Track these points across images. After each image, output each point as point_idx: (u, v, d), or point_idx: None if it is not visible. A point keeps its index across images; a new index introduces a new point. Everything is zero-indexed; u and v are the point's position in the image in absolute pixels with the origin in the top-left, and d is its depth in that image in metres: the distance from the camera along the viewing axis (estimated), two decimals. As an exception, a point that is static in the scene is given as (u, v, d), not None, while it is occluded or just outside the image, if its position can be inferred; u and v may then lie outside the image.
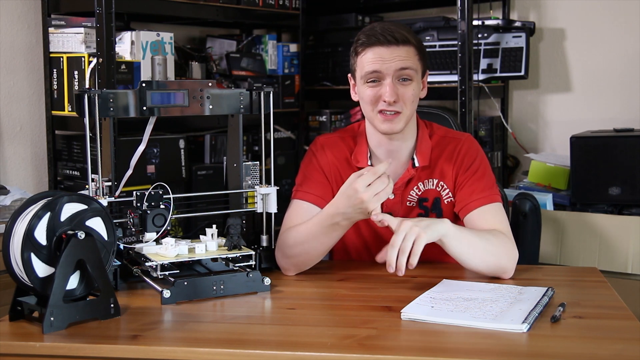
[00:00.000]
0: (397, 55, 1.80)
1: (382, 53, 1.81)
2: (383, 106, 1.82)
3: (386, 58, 1.80)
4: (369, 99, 1.84)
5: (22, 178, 2.77)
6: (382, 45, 1.81)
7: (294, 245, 1.78)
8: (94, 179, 1.68)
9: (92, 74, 2.52)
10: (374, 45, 1.81)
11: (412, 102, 1.83)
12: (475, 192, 1.86)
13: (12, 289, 1.50)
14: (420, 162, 1.90)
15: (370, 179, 1.63)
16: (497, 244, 1.74)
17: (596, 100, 3.23)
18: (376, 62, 1.81)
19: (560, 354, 1.31)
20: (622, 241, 2.62)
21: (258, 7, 3.10)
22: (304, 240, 1.77)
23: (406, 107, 1.82)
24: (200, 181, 2.88)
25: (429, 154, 1.91)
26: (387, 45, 1.80)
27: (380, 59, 1.80)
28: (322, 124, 3.43)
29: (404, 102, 1.82)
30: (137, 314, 1.54)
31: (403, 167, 1.92)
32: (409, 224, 1.62)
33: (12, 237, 1.45)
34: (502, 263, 1.74)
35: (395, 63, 1.80)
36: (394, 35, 1.80)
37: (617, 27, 3.15)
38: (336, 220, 1.71)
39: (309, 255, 1.79)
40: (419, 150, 1.91)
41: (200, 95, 1.76)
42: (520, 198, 2.39)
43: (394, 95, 1.80)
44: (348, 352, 1.31)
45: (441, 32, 3.14)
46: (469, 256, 1.71)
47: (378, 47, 1.81)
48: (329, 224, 1.72)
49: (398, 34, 1.81)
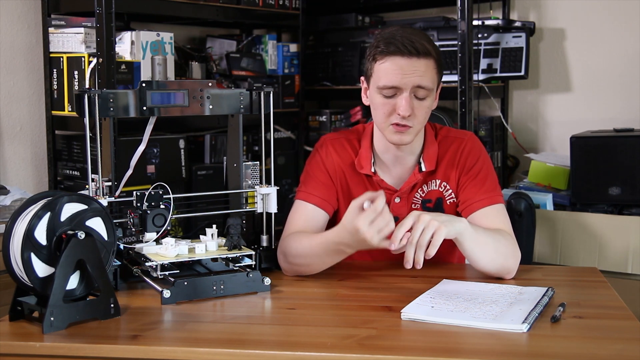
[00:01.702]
0: (416, 69, 1.75)
1: (402, 64, 1.75)
2: (397, 119, 1.78)
3: (405, 70, 1.75)
4: (382, 109, 1.80)
5: (22, 178, 2.77)
6: (402, 56, 1.74)
7: (297, 256, 1.78)
8: (94, 179, 1.68)
9: (92, 74, 2.52)
10: (394, 54, 1.75)
11: (424, 117, 1.81)
12: (478, 194, 1.85)
13: (12, 289, 1.50)
14: (427, 167, 1.89)
15: (372, 217, 1.57)
16: (505, 244, 1.75)
17: (596, 100, 3.23)
18: (394, 74, 1.75)
19: (560, 354, 1.31)
20: (622, 241, 2.62)
21: (258, 7, 3.10)
22: (306, 256, 1.76)
23: (418, 122, 1.80)
24: (200, 181, 2.88)
25: (435, 157, 1.90)
26: (407, 56, 1.74)
27: (399, 70, 1.75)
28: (322, 124, 3.43)
29: (417, 118, 1.78)
30: (137, 314, 1.54)
31: (409, 171, 1.91)
32: (427, 217, 1.59)
33: (12, 237, 1.45)
34: (508, 263, 1.75)
35: (414, 79, 1.75)
36: (415, 46, 1.74)
37: (617, 27, 3.15)
38: (340, 248, 1.69)
39: (311, 268, 1.79)
40: (426, 156, 1.89)
41: (200, 95, 1.76)
42: (516, 197, 2.39)
43: (409, 110, 1.76)
44: (348, 352, 1.31)
45: (441, 32, 3.14)
46: (481, 255, 1.71)
47: (398, 57, 1.75)
48: (332, 249, 1.70)
49: (419, 44, 1.75)
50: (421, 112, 1.79)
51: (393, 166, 1.91)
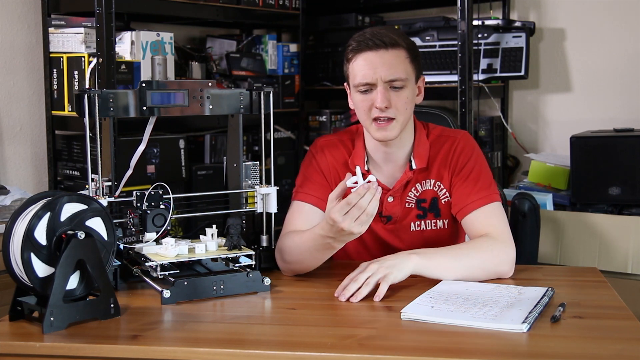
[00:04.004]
0: (386, 61, 1.78)
1: (371, 59, 1.79)
2: (376, 113, 1.80)
3: (376, 64, 1.78)
4: (361, 106, 1.83)
5: (22, 178, 2.77)
6: (371, 50, 1.79)
7: (290, 253, 1.79)
8: (94, 179, 1.68)
9: (92, 74, 2.52)
10: (364, 50, 1.80)
11: (405, 108, 1.82)
12: (472, 194, 1.85)
13: (12, 289, 1.50)
14: (418, 164, 1.89)
15: (345, 209, 1.58)
16: (480, 255, 1.74)
17: (596, 100, 3.23)
18: (366, 69, 1.79)
19: (560, 354, 1.31)
20: (622, 241, 2.62)
21: (258, 7, 3.10)
22: (299, 252, 1.77)
23: (399, 114, 1.81)
24: (200, 181, 2.88)
25: (426, 156, 1.91)
26: (375, 50, 1.79)
27: (369, 65, 1.79)
28: (322, 124, 3.43)
29: (397, 109, 1.80)
30: (137, 314, 1.54)
31: (401, 169, 1.92)
32: (375, 266, 1.64)
33: (12, 237, 1.45)
34: (494, 270, 1.74)
35: (385, 71, 1.78)
36: (382, 39, 1.79)
37: (617, 27, 3.16)
38: (327, 242, 1.69)
39: (305, 265, 1.79)
40: (416, 153, 1.90)
41: (200, 95, 1.76)
42: (519, 198, 2.39)
43: (385, 101, 1.78)
44: (348, 352, 1.31)
45: (441, 32, 3.14)
46: (453, 276, 1.72)
47: (367, 53, 1.79)
48: (320, 243, 1.71)
49: (387, 37, 1.79)
50: (400, 102, 1.80)
51: (385, 165, 1.92)
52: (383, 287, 1.61)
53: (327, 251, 1.73)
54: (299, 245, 1.76)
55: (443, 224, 1.92)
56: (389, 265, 1.64)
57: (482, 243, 1.77)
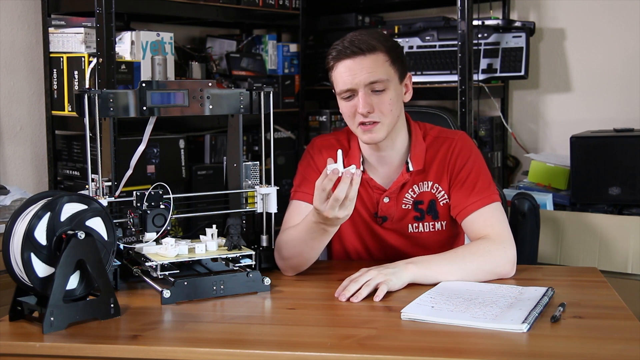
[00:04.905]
0: (364, 67, 1.79)
1: (349, 65, 1.80)
2: (360, 118, 1.81)
3: (354, 70, 1.79)
4: (346, 112, 1.84)
5: (22, 178, 2.77)
6: (349, 58, 1.80)
7: (287, 248, 1.79)
8: (94, 179, 1.68)
9: (92, 74, 2.51)
10: (342, 58, 1.81)
11: (390, 110, 1.81)
12: (471, 195, 1.85)
13: (12, 289, 1.50)
14: (415, 166, 1.89)
15: (324, 196, 1.61)
16: (478, 259, 1.74)
17: (596, 100, 3.23)
18: (346, 76, 1.80)
19: (560, 354, 1.31)
20: (622, 241, 2.62)
21: (258, 7, 3.10)
22: (295, 244, 1.77)
23: (384, 116, 1.81)
24: (200, 181, 2.88)
25: (423, 157, 1.90)
26: (353, 57, 1.79)
27: (348, 72, 1.80)
28: (322, 124, 3.43)
29: (381, 112, 1.80)
30: (137, 314, 1.54)
31: (396, 171, 1.91)
32: (373, 272, 1.65)
33: (12, 237, 1.45)
34: (494, 272, 1.74)
35: (363, 76, 1.78)
36: (359, 46, 1.79)
37: (617, 27, 3.15)
38: (320, 227, 1.70)
39: (303, 258, 1.79)
40: (413, 155, 1.90)
41: (200, 95, 1.76)
42: (519, 198, 2.39)
43: (367, 105, 1.79)
44: (348, 352, 1.31)
45: (441, 32, 3.14)
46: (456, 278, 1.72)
47: (345, 61, 1.80)
48: (315, 230, 1.72)
49: (364, 44, 1.79)
50: (383, 105, 1.80)
51: (380, 166, 1.92)
52: (382, 289, 1.61)
53: (322, 237, 1.74)
54: (295, 238, 1.77)
55: (441, 226, 1.92)
56: (388, 272, 1.65)
57: (480, 246, 1.77)
